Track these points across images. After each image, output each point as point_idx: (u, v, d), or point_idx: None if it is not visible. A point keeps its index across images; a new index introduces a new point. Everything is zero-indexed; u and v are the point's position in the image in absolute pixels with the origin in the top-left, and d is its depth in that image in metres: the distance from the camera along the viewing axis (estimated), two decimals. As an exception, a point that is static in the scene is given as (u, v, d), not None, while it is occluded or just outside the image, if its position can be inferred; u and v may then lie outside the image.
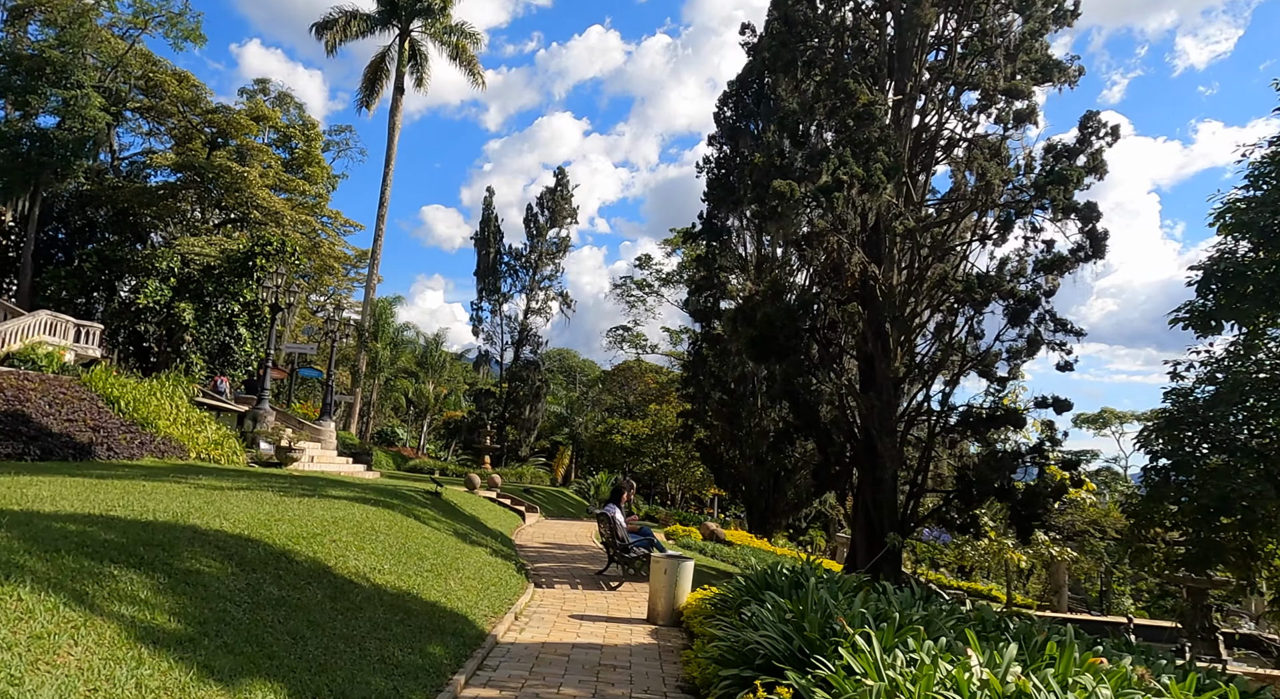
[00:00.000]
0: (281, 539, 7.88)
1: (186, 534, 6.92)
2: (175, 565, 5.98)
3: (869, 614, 6.02)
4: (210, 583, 5.92)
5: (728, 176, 31.15)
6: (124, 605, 4.88)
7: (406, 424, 59.80)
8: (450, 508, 17.38)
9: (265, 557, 7.07)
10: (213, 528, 7.44)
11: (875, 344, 16.16)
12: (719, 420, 30.50)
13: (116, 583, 5.19)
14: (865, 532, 16.67)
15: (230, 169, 42.81)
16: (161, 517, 7.51)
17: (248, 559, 6.83)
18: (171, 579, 5.68)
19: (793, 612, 6.16)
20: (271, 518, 8.79)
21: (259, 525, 8.15)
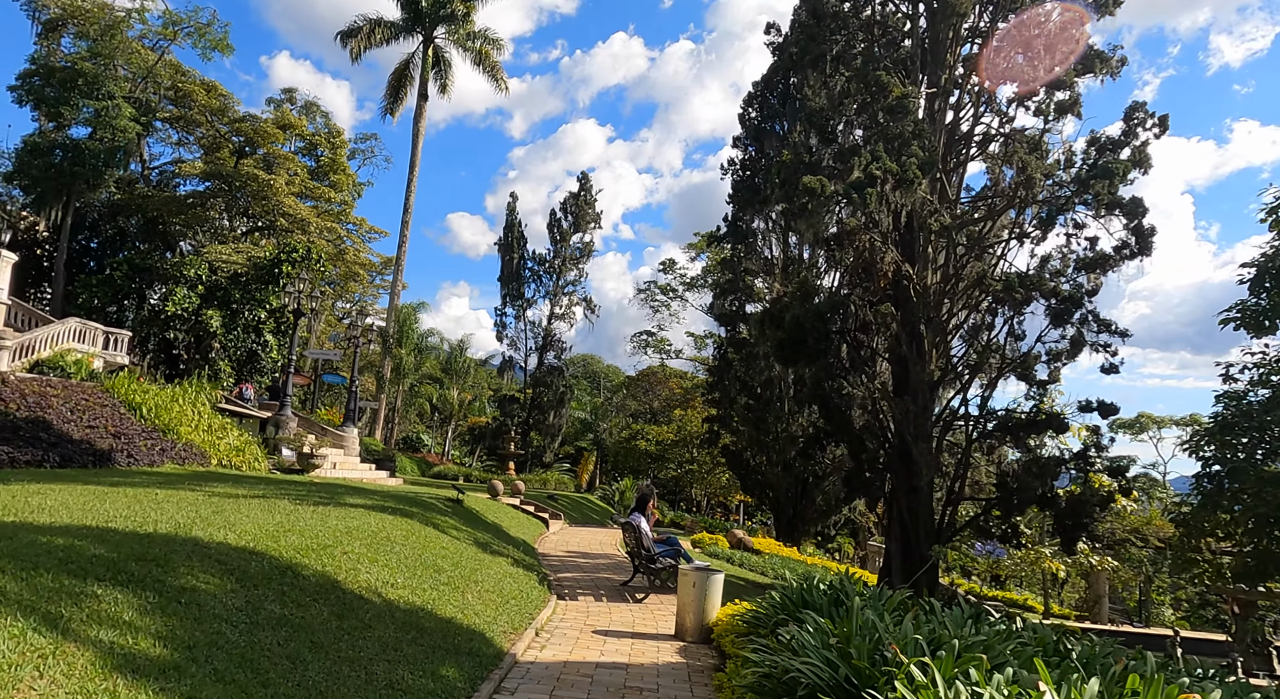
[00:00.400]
0: (289, 552, 7.44)
1: (186, 547, 6.48)
2: (169, 583, 5.53)
3: (923, 640, 5.43)
4: (206, 601, 5.46)
5: (753, 178, 30.57)
6: (103, 629, 4.43)
7: (431, 430, 59.69)
8: (472, 516, 16.94)
9: (269, 571, 6.61)
10: (215, 540, 7.01)
11: (909, 346, 15.49)
12: (745, 426, 29.86)
13: (98, 604, 4.74)
14: (900, 541, 15.97)
15: (257, 177, 42.95)
16: (163, 528, 7.09)
17: (250, 574, 6.37)
18: (162, 598, 5.23)
19: (837, 635, 5.59)
20: (281, 528, 8.35)
21: (266, 537, 7.71)
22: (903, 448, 15.80)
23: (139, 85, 43.91)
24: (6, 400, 16.25)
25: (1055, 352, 16.07)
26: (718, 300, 30.91)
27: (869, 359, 16.85)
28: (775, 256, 30.63)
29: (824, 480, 29.09)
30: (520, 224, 47.71)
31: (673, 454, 46.02)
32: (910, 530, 15.70)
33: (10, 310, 28.63)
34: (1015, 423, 15.86)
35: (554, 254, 47.41)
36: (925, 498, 15.75)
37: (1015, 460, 17.04)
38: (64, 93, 40.42)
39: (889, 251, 14.90)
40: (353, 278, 51.34)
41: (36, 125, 42.81)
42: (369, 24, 42.39)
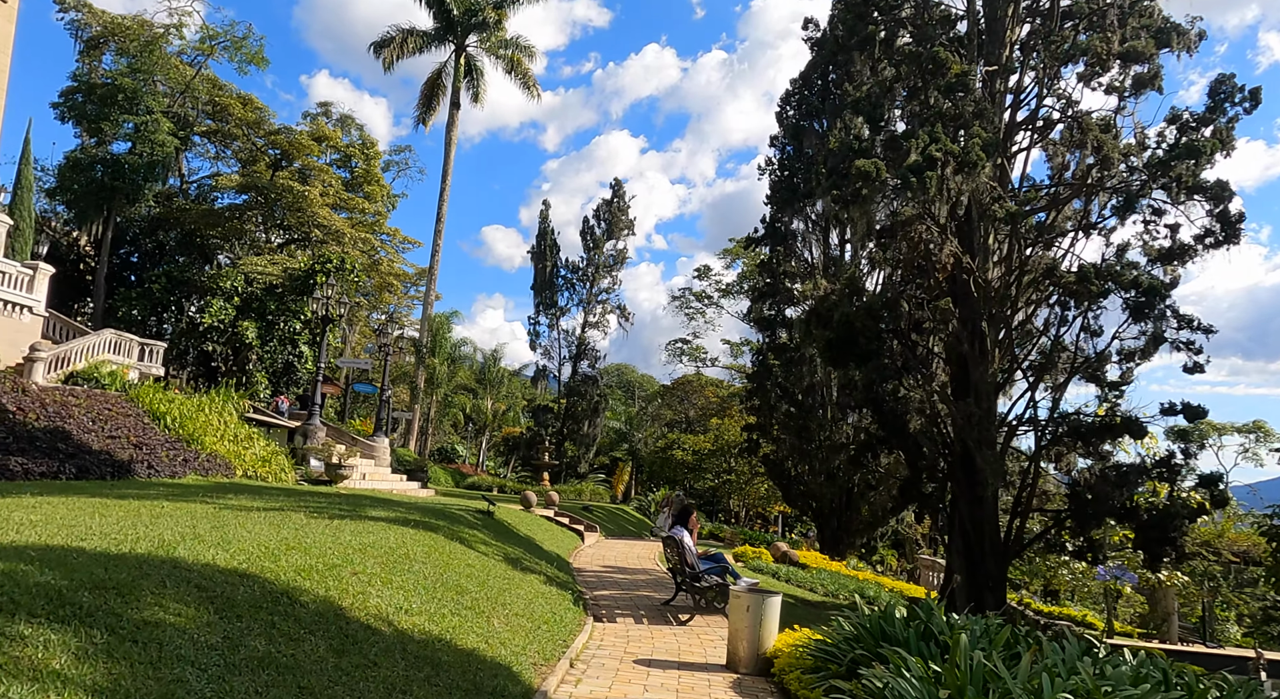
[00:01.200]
0: (288, 573, 6.45)
1: (161, 571, 5.51)
2: (126, 616, 4.55)
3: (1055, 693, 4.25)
4: (170, 639, 4.47)
5: (791, 178, 29.40)
6: (18, 683, 3.44)
7: (466, 441, 59.08)
8: (503, 529, 15.93)
9: (258, 598, 5.61)
10: (201, 561, 6.04)
11: (971, 345, 14.20)
12: (786, 434, 28.57)
13: (22, 647, 3.76)
14: (963, 556, 14.63)
15: (292, 188, 42.73)
16: (142, 548, 6.14)
17: (235, 602, 5.38)
18: (113, 637, 4.24)
19: (947, 687, 4.43)
20: (285, 545, 7.39)
21: (265, 556, 6.74)
22: (964, 455, 14.48)
23: (177, 100, 44.03)
24: (26, 410, 15.63)
25: (1128, 350, 14.67)
26: (756, 304, 29.72)
27: (924, 360, 15.58)
28: (816, 258, 29.38)
29: (870, 491, 27.70)
30: (553, 232, 46.98)
31: (710, 464, 44.75)
32: (975, 545, 14.36)
33: (48, 322, 28.36)
34: (1087, 428, 14.45)
35: (587, 261, 46.58)
36: (990, 510, 14.41)
37: (1085, 468, 15.60)
38: (104, 108, 40.56)
39: (948, 242, 13.65)
40: (387, 289, 50.98)
41: (79, 141, 43.15)
42: (401, 34, 42.05)
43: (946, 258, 13.61)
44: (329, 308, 21.61)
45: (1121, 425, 14.24)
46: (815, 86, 29.89)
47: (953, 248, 13.56)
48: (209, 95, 44.40)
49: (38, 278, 26.68)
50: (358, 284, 45.68)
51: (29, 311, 26.51)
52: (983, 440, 14.19)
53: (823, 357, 15.96)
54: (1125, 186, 13.74)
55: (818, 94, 29.49)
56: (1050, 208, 15.00)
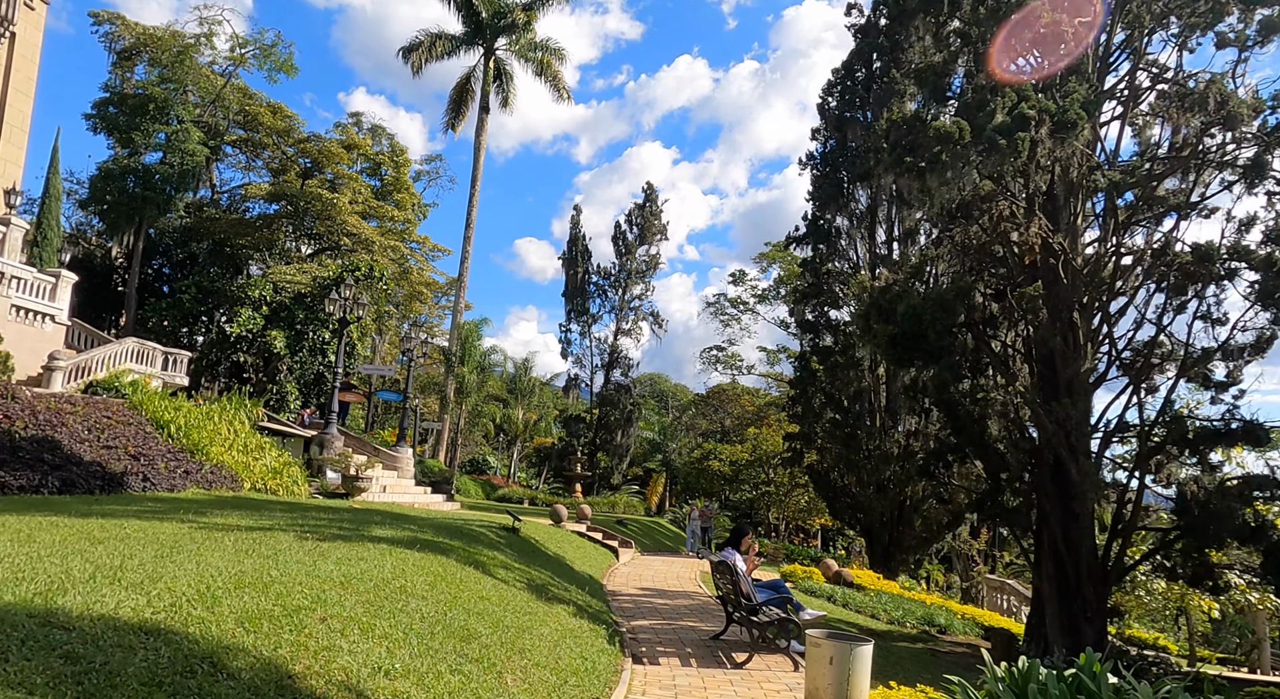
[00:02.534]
0: (226, 625, 4.74)
1: (21, 631, 3.82)
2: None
3: None
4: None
5: (834, 172, 27.49)
6: None
7: (498, 452, 57.64)
8: (529, 547, 14.19)
9: (161, 670, 3.90)
10: (95, 612, 4.35)
11: (1065, 338, 12.19)
12: (832, 443, 26.52)
13: None
14: (1055, 582, 12.55)
15: (321, 196, 41.77)
16: (24, 591, 4.48)
17: (117, 676, 3.67)
18: None
19: None
20: (236, 583, 5.69)
21: (199, 600, 5.04)
22: (1056, 465, 12.44)
23: (208, 110, 43.38)
24: (13, 418, 14.25)
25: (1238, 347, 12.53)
26: (798, 306, 27.79)
27: (1002, 357, 13.57)
28: (860, 257, 27.39)
29: (923, 503, 25.54)
30: (584, 237, 45.44)
31: (747, 475, 42.69)
32: (1069, 568, 12.28)
33: (71, 331, 27.31)
34: (1199, 433, 12.32)
35: (619, 268, 44.95)
36: (1087, 528, 12.34)
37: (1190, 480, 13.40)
38: (135, 119, 39.95)
39: (1035, 219, 11.67)
40: (417, 298, 49.85)
41: (111, 153, 42.67)
42: (429, 38, 40.93)
43: (1033, 237, 11.63)
44: (347, 310, 20.15)
45: (1241, 431, 12.08)
46: (858, 77, 27.99)
47: (1041, 226, 11.58)
48: (239, 104, 43.70)
49: (60, 286, 25.62)
50: (387, 292, 44.64)
51: (50, 320, 25.43)
52: (1078, 447, 12.14)
53: (885, 354, 14.03)
54: (1225, 162, 11.66)
55: (862, 83, 27.58)
56: (1147, 182, 12.89)
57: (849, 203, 27.29)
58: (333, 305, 19.99)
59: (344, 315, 20.21)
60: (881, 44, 26.73)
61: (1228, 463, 13.23)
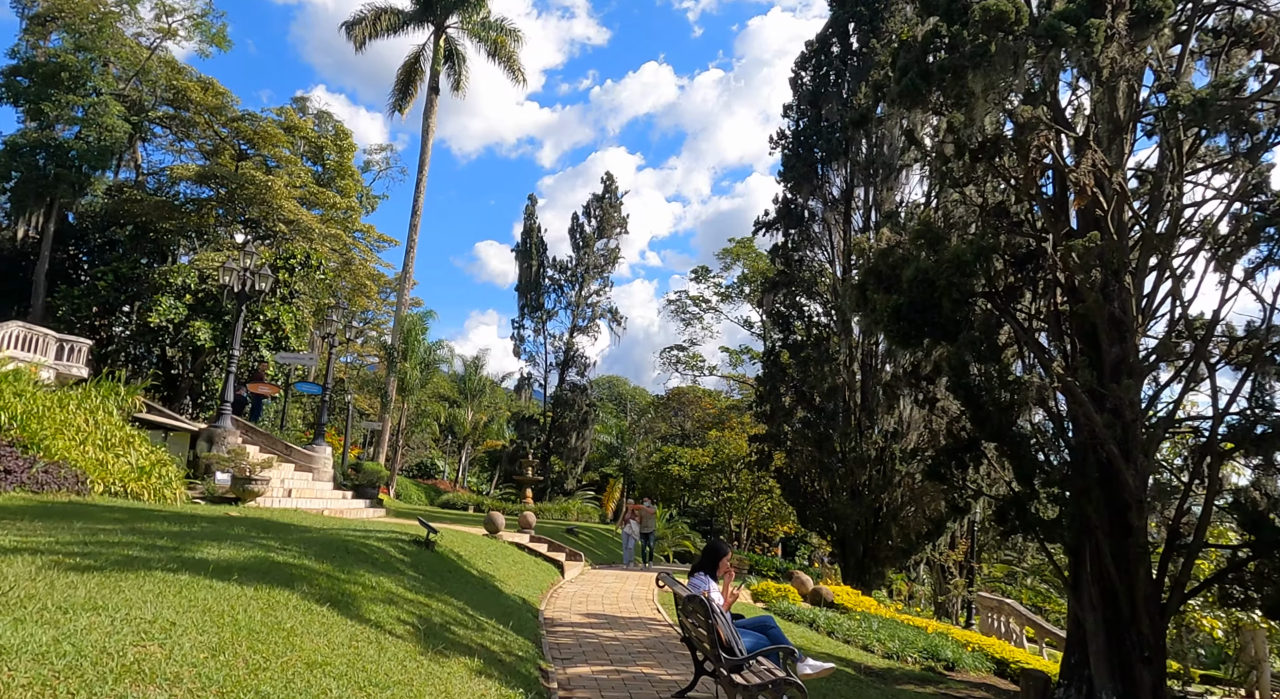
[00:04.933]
0: None
1: None
2: None
3: None
4: None
5: (808, 152, 24.92)
6: None
7: (448, 455, 54.12)
8: (444, 567, 11.10)
9: None
10: None
11: (1119, 307, 9.56)
12: (803, 444, 23.86)
13: None
14: (1103, 609, 9.88)
15: (254, 178, 38.05)
16: None
17: None
18: None
19: None
20: None
21: None
22: (1105, 466, 9.77)
23: (131, 83, 39.40)
24: None
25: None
26: (767, 295, 25.11)
27: (1028, 335, 10.89)
28: (835, 244, 24.82)
29: (901, 511, 22.99)
30: (539, 229, 42.36)
31: (708, 480, 39.87)
32: (1120, 593, 9.61)
33: (-56, 313, 23.43)
34: (1274, 430, 9.75)
35: (576, 262, 41.97)
36: (1141, 545, 9.68)
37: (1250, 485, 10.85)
38: (45, 88, 35.85)
39: (1089, 153, 9.02)
40: (361, 291, 46.19)
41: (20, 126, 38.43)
42: (374, 11, 37.66)
43: (1084, 176, 8.98)
44: (247, 282, 16.84)
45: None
46: (834, 51, 25.50)
47: (1096, 159, 8.94)
48: (167, 79, 39.76)
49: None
50: (325, 282, 41.00)
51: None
52: (1132, 443, 9.50)
53: (886, 331, 11.30)
54: None
55: (838, 57, 25.08)
56: (1243, 105, 10.08)
57: (823, 184, 24.74)
58: (227, 274, 16.65)
59: (243, 289, 16.90)
60: (860, 13, 24.30)
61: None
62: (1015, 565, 28.84)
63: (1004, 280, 11.37)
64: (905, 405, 22.16)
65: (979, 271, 10.59)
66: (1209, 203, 9.80)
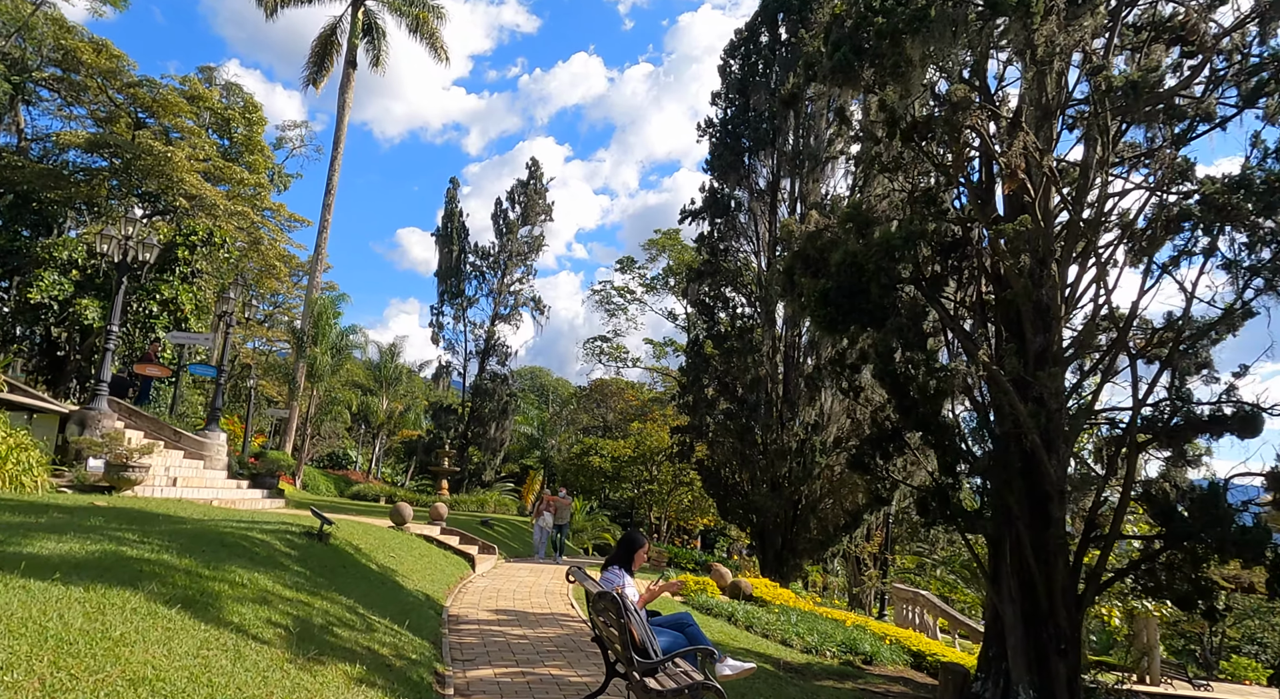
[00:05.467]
0: None
1: None
2: None
3: None
4: None
5: (736, 142, 24.59)
6: None
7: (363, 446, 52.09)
8: (339, 562, 10.16)
9: None
10: None
11: (1046, 295, 9.39)
12: (725, 436, 23.56)
13: None
14: (1021, 602, 9.72)
15: (153, 149, 35.50)
16: None
17: None
18: None
19: None
20: None
21: None
22: (1024, 457, 9.60)
23: (13, 40, 36.19)
24: None
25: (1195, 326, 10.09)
26: (692, 285, 24.70)
27: (954, 323, 10.67)
28: (761, 235, 24.59)
29: (820, 503, 22.97)
30: (461, 213, 40.95)
31: (629, 472, 39.39)
32: (1039, 583, 9.47)
33: None
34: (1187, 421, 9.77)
35: (499, 248, 40.78)
36: (1060, 537, 9.56)
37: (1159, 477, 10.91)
38: (-96, 40, 32.56)
39: (1021, 135, 8.78)
40: (270, 273, 43.79)
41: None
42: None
43: (1015, 158, 8.74)
44: (130, 253, 15.31)
45: (1235, 418, 9.59)
46: (763, 40, 25.24)
47: (1026, 143, 8.70)
48: (54, 38, 36.70)
49: None
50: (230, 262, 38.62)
51: None
52: (1056, 433, 9.35)
53: (813, 317, 10.96)
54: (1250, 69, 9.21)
55: (767, 46, 24.83)
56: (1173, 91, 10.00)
57: (749, 175, 24.47)
58: (106, 242, 15.10)
59: (125, 259, 15.36)
60: (790, 3, 24.08)
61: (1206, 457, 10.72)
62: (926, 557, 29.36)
63: (931, 268, 11.15)
64: (826, 397, 22.11)
65: (908, 257, 10.29)
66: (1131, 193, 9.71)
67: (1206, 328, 8.96)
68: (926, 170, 10.91)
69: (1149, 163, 9.26)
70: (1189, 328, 9.00)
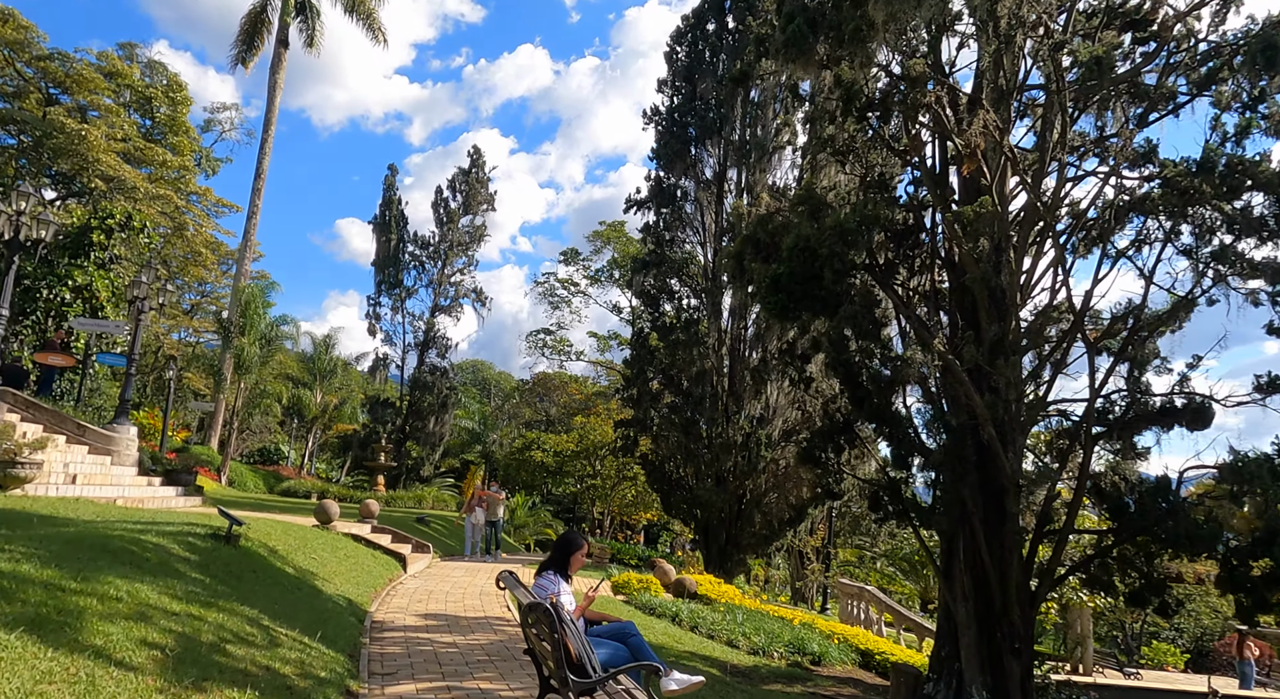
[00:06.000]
0: None
1: None
2: None
3: None
4: None
5: (682, 130, 24.00)
6: None
7: (296, 440, 50.06)
8: (245, 566, 9.18)
9: None
10: None
11: (1005, 281, 8.99)
12: (669, 430, 23.01)
13: None
14: (974, 598, 9.35)
15: (65, 127, 33.19)
16: None
17: None
18: None
19: None
20: None
21: None
22: (980, 449, 9.22)
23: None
24: None
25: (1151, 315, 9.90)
26: (637, 276, 24.05)
27: (909, 311, 10.24)
28: (707, 226, 24.08)
29: (764, 497, 22.60)
30: (400, 201, 39.54)
31: (571, 466, 38.60)
32: (995, 585, 9.09)
33: None
34: (1139, 413, 9.52)
35: (439, 237, 39.47)
36: (1014, 534, 9.21)
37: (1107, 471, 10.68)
38: None
39: (981, 113, 8.35)
40: (197, 261, 41.58)
41: None
42: (216, -52, 33.55)
43: (975, 137, 8.32)
44: (22, 229, 13.90)
45: (1189, 410, 9.37)
46: (710, 28, 24.70)
47: (989, 120, 8.28)
48: (-45, 4, 34.00)
49: None
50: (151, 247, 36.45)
51: None
52: (1013, 425, 8.98)
53: (764, 303, 10.40)
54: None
55: (714, 33, 24.30)
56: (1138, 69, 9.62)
57: (696, 164, 23.92)
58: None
59: (15, 237, 13.95)
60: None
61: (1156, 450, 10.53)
62: (867, 549, 29.37)
63: (885, 254, 10.71)
64: (772, 390, 21.74)
65: (862, 242, 9.81)
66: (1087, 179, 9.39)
67: (1164, 316, 8.67)
68: (879, 157, 10.44)
69: (1107, 146, 8.92)
70: (1145, 317, 8.70)
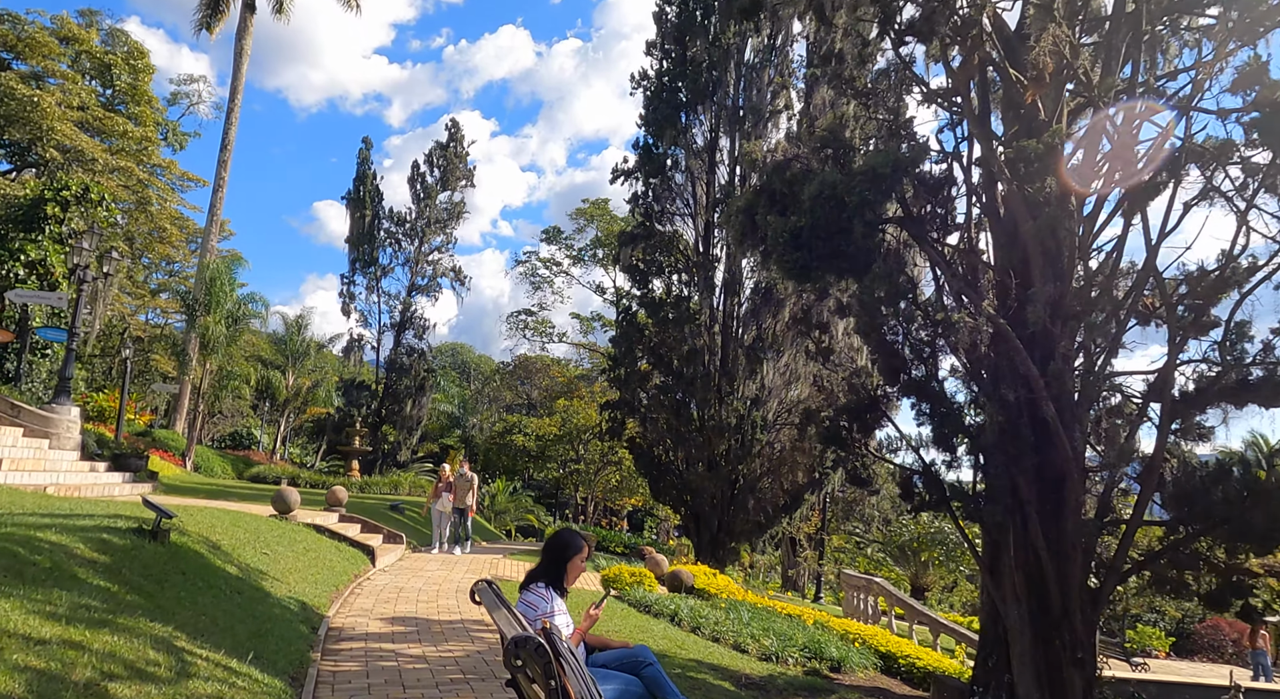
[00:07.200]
0: None
1: None
2: None
3: None
4: None
5: (672, 95, 22.42)
6: None
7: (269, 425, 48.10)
8: (174, 568, 7.62)
9: None
10: None
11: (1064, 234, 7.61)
12: (659, 412, 21.60)
13: None
14: (1028, 601, 8.01)
15: (16, 93, 30.95)
16: None
17: None
18: None
19: None
20: None
21: None
22: (1040, 430, 7.84)
23: None
24: None
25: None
26: (624, 249, 22.51)
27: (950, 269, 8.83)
28: (699, 198, 22.57)
29: (759, 482, 21.29)
30: (375, 175, 37.53)
31: (554, 451, 37.12)
32: (1053, 586, 7.75)
33: None
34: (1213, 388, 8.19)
35: (416, 214, 37.59)
36: (1076, 528, 7.86)
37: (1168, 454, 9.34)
38: None
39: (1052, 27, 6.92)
40: (163, 238, 39.44)
41: None
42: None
43: (1042, 56, 6.88)
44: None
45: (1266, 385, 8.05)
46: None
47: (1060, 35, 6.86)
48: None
49: None
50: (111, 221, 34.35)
51: None
52: (1081, 399, 7.63)
53: (779, 263, 8.93)
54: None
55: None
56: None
57: (687, 130, 22.38)
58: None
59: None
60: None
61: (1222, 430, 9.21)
62: (859, 536, 28.25)
63: (919, 207, 9.28)
64: (768, 370, 20.36)
65: (897, 190, 8.38)
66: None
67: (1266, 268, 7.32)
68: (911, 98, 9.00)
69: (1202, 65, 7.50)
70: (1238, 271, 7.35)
